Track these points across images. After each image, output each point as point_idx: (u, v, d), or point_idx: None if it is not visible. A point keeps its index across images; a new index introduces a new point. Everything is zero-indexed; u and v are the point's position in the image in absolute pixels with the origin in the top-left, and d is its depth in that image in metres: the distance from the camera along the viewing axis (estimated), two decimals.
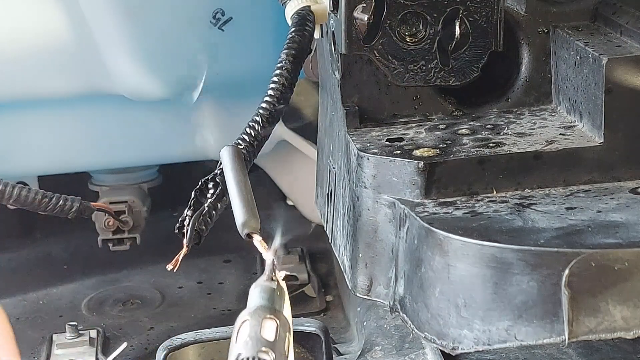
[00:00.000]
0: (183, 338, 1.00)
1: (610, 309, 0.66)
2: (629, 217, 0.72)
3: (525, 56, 0.88)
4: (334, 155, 0.93)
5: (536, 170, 0.78)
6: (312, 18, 0.87)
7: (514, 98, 0.89)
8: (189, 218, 0.74)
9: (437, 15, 0.84)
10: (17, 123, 1.38)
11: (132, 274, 1.48)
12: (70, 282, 1.46)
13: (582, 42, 0.81)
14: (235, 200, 0.70)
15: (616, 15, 0.84)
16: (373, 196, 0.80)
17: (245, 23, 1.28)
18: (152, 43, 1.27)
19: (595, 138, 0.79)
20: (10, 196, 1.06)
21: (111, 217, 1.40)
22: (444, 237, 0.72)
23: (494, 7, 0.84)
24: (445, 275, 0.72)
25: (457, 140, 0.82)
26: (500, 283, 0.69)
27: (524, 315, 0.68)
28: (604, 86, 0.77)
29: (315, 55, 1.00)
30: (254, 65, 1.30)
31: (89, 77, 1.31)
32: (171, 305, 1.37)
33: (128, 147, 1.43)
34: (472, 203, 0.77)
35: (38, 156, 1.41)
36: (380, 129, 0.87)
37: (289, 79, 0.82)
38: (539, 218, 0.73)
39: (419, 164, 0.78)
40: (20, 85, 1.31)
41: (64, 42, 1.28)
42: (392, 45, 0.84)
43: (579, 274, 0.66)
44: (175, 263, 0.72)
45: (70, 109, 1.38)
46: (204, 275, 1.45)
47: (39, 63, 1.29)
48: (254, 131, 0.79)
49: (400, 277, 0.78)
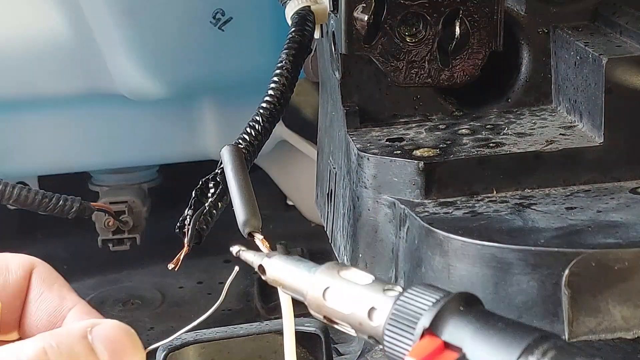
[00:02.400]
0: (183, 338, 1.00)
1: (610, 309, 0.66)
2: (629, 217, 0.72)
3: (525, 56, 0.89)
4: (334, 155, 0.93)
5: (536, 170, 0.78)
6: (312, 18, 0.87)
7: (514, 98, 0.89)
8: (189, 217, 0.74)
9: (437, 15, 0.84)
10: (17, 123, 1.38)
11: (132, 274, 1.48)
12: (71, 282, 1.44)
13: (582, 42, 0.81)
14: (236, 200, 0.70)
15: (616, 15, 0.84)
16: (373, 196, 0.80)
17: (245, 23, 1.28)
18: (152, 43, 1.27)
19: (595, 138, 0.79)
20: (10, 196, 1.06)
21: (111, 217, 1.40)
22: (444, 237, 0.72)
23: (494, 7, 0.84)
24: (446, 275, 0.72)
25: (457, 140, 0.82)
26: (500, 283, 0.69)
27: (524, 315, 0.68)
28: (604, 86, 0.77)
29: (315, 55, 1.00)
30: (254, 65, 1.30)
31: (89, 77, 1.31)
32: (171, 305, 1.37)
33: (128, 147, 1.43)
34: (472, 203, 0.77)
35: (38, 156, 1.41)
36: (380, 129, 0.87)
37: (289, 79, 0.82)
38: (539, 218, 0.73)
39: (419, 164, 0.78)
40: (20, 86, 1.31)
41: (64, 42, 1.28)
42: (392, 45, 0.84)
43: (579, 274, 0.66)
44: (176, 262, 0.72)
45: (70, 109, 1.38)
46: (204, 275, 1.45)
47: (39, 63, 1.29)
48: (255, 131, 0.79)
49: (401, 277, 0.78)
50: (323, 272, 0.57)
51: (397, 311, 0.53)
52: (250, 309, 1.38)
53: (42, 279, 0.67)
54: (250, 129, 0.80)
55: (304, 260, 0.59)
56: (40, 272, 0.67)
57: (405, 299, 0.53)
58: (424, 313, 0.52)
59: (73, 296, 0.67)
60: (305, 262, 0.59)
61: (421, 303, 0.53)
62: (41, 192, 1.07)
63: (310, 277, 0.58)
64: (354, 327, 0.56)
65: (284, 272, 0.59)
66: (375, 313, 0.54)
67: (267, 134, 0.80)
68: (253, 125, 0.80)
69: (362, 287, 0.56)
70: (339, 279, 0.57)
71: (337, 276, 0.57)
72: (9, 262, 0.66)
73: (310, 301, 0.57)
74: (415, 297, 0.53)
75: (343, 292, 0.56)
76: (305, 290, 0.58)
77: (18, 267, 0.66)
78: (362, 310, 0.55)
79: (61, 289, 0.67)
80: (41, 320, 0.66)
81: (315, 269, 0.58)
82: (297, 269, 0.59)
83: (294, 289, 0.59)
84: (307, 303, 0.58)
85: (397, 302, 0.54)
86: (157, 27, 1.26)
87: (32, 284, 0.66)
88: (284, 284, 0.60)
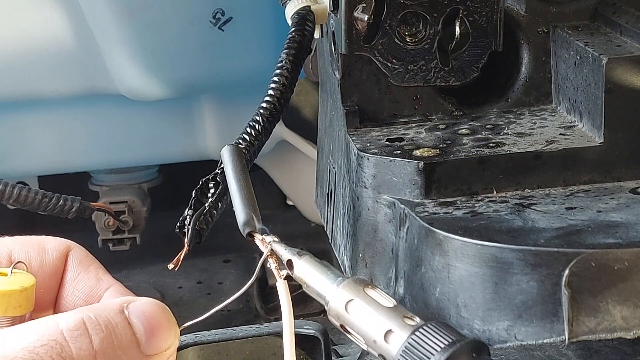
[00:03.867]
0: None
1: (610, 309, 0.66)
2: (629, 217, 0.72)
3: (525, 56, 0.89)
4: (334, 155, 0.93)
5: (536, 170, 0.78)
6: (312, 18, 0.87)
7: (514, 98, 0.89)
8: (189, 217, 0.74)
9: (437, 15, 0.84)
10: (17, 123, 1.38)
11: (132, 274, 1.48)
12: None
13: (582, 42, 0.81)
14: (237, 199, 0.70)
15: (616, 15, 0.84)
16: (373, 196, 0.80)
17: (245, 23, 1.28)
18: (152, 43, 1.27)
19: (595, 138, 0.79)
20: (10, 196, 1.06)
21: (111, 217, 1.40)
22: (444, 237, 0.72)
23: (494, 7, 0.84)
24: (445, 275, 0.72)
25: (457, 140, 0.82)
26: (500, 283, 0.69)
27: (523, 315, 0.68)
28: (604, 86, 0.77)
29: (315, 55, 1.00)
30: (254, 65, 1.30)
31: (89, 77, 1.31)
32: (171, 305, 1.37)
33: (128, 147, 1.43)
34: (472, 203, 0.77)
35: (38, 156, 1.41)
36: (380, 129, 0.87)
37: (289, 79, 0.82)
38: (539, 218, 0.73)
39: (419, 164, 0.78)
40: (20, 86, 1.31)
41: (64, 42, 1.28)
42: (392, 45, 0.84)
43: (579, 274, 0.66)
44: (177, 262, 0.72)
45: (70, 109, 1.38)
46: (204, 275, 1.45)
47: (39, 63, 1.29)
48: (255, 131, 0.79)
49: (400, 277, 0.78)
50: (350, 284, 0.61)
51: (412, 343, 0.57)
52: (249, 309, 1.38)
53: (79, 262, 0.70)
54: (251, 129, 0.80)
55: (331, 268, 0.63)
56: (77, 254, 0.70)
57: (422, 332, 0.57)
58: (436, 353, 0.56)
59: (109, 278, 0.70)
60: (333, 270, 0.63)
61: (437, 340, 0.57)
62: (41, 192, 1.07)
63: (335, 286, 0.61)
64: (367, 342, 0.60)
65: (311, 273, 0.63)
66: (392, 336, 0.58)
67: (267, 134, 0.80)
68: (253, 125, 0.80)
69: (385, 308, 0.60)
70: (364, 295, 0.61)
71: (362, 292, 0.61)
72: (46, 244, 0.69)
73: (331, 307, 0.61)
74: (431, 334, 0.57)
75: (365, 308, 0.60)
76: (329, 296, 0.61)
77: (54, 249, 0.69)
78: (380, 330, 0.59)
79: (97, 270, 0.70)
80: (78, 299, 0.68)
81: (342, 279, 0.62)
82: (325, 275, 0.62)
83: (317, 292, 0.62)
84: (328, 308, 0.62)
85: (415, 333, 0.57)
86: (157, 27, 1.26)
87: (69, 265, 0.69)
88: (309, 285, 0.63)
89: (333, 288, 0.61)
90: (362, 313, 0.60)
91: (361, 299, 0.60)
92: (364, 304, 0.60)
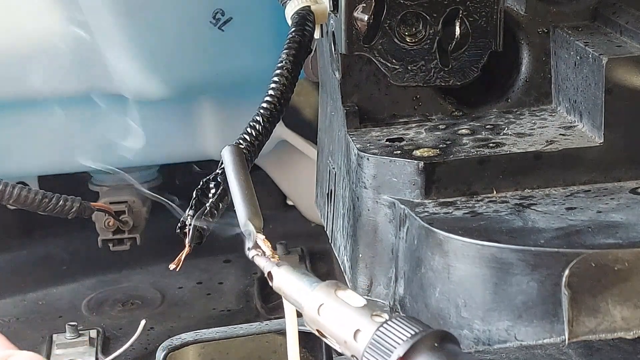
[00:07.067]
0: (183, 338, 1.00)
1: (610, 309, 0.66)
2: (629, 217, 0.72)
3: (525, 56, 0.89)
4: (334, 155, 0.93)
5: (536, 170, 0.78)
6: (312, 18, 0.88)
7: (514, 98, 0.89)
8: (190, 218, 0.74)
9: (437, 15, 0.84)
10: (17, 123, 1.38)
11: (132, 274, 1.48)
12: (70, 282, 1.46)
13: (582, 42, 0.81)
14: (238, 199, 0.70)
15: (616, 15, 0.84)
16: (373, 196, 0.80)
17: (245, 23, 1.28)
18: (152, 43, 1.27)
19: (595, 138, 0.79)
20: (10, 196, 1.06)
21: (111, 217, 1.40)
22: (444, 237, 0.72)
23: (494, 7, 0.84)
24: (445, 276, 0.72)
25: (457, 140, 0.82)
26: (500, 283, 0.69)
27: (524, 315, 0.68)
28: (604, 86, 0.77)
29: (315, 55, 1.00)
30: (254, 65, 1.30)
31: (89, 77, 1.31)
32: (171, 306, 1.37)
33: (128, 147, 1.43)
34: (472, 203, 0.77)
35: (38, 156, 1.41)
36: (380, 129, 0.87)
37: (289, 79, 0.82)
38: (539, 218, 0.73)
39: (419, 164, 0.78)
40: (20, 85, 1.31)
41: (65, 42, 1.28)
42: (392, 45, 0.84)
43: (579, 274, 0.66)
44: (178, 262, 0.72)
45: (70, 109, 1.38)
46: (204, 275, 1.45)
47: (40, 63, 1.29)
48: (255, 131, 0.80)
49: (400, 277, 0.78)
50: (321, 289, 0.62)
51: (376, 338, 0.58)
52: (250, 308, 1.38)
53: None
54: (251, 129, 0.80)
55: (309, 275, 0.64)
56: None
57: (386, 327, 0.58)
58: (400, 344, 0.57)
59: None
60: (309, 277, 0.64)
61: (400, 333, 0.57)
62: (41, 192, 1.07)
63: (309, 292, 0.62)
64: (339, 344, 0.60)
65: (288, 282, 0.64)
66: (360, 335, 0.59)
67: (267, 134, 0.80)
68: (254, 125, 0.80)
69: (354, 309, 0.60)
70: (334, 298, 0.61)
71: (332, 295, 0.61)
72: None
73: (306, 314, 0.62)
74: (395, 327, 0.58)
75: (335, 310, 0.61)
76: (303, 303, 0.62)
77: None
78: (349, 331, 0.59)
79: None
80: None
81: (316, 284, 0.63)
82: (300, 282, 0.63)
83: (294, 300, 0.63)
84: (304, 315, 0.63)
85: (379, 329, 0.58)
86: (157, 27, 1.26)
87: None
88: (286, 294, 0.64)
89: (308, 294, 0.62)
90: (333, 315, 0.61)
91: (332, 302, 0.61)
92: (335, 305, 0.61)
